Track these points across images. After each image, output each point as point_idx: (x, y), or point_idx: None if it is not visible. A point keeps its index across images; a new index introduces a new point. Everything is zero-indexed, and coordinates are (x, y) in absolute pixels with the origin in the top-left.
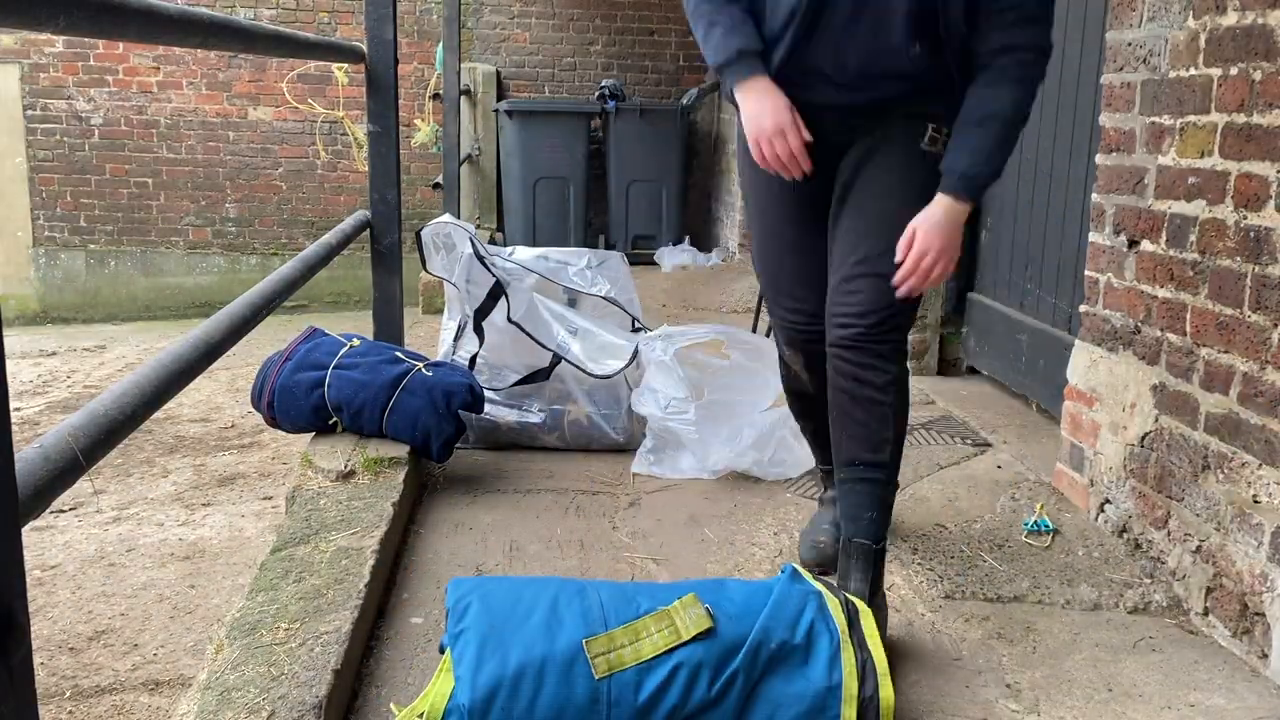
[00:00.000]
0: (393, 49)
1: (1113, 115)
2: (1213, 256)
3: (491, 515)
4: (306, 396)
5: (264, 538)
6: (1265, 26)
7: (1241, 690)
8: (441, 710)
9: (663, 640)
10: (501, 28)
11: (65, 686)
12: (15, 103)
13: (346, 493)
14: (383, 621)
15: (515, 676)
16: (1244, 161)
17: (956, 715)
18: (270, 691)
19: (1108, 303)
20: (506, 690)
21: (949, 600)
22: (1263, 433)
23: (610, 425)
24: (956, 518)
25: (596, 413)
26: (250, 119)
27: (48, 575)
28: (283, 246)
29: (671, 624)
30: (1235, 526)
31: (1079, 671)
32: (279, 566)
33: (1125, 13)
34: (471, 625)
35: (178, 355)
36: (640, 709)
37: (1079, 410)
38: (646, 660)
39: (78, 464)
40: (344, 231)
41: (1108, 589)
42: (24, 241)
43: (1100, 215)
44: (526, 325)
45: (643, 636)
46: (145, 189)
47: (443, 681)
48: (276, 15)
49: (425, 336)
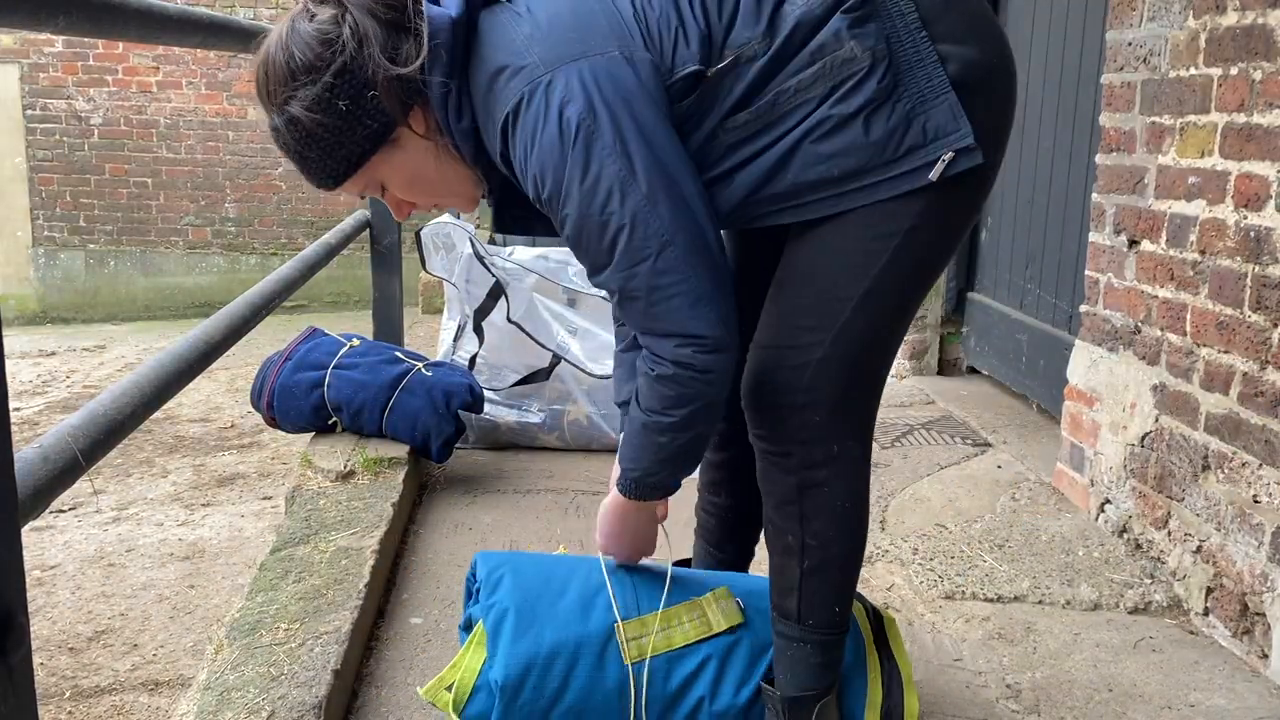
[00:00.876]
0: None
1: (1113, 115)
2: (1213, 256)
3: (491, 515)
4: (306, 396)
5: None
6: (1265, 26)
7: (1241, 690)
8: (471, 684)
9: (694, 630)
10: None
11: (65, 686)
12: (15, 102)
13: (346, 493)
14: (383, 621)
15: (549, 656)
16: (1244, 161)
17: (957, 715)
18: (270, 692)
19: (1108, 303)
20: (540, 669)
21: (949, 600)
22: (1263, 433)
23: (610, 425)
24: (956, 518)
25: (596, 413)
26: (250, 119)
27: (48, 575)
28: (283, 246)
29: (703, 614)
30: (1235, 526)
31: (1079, 672)
32: (279, 566)
33: (1125, 13)
34: (506, 599)
35: (177, 355)
36: (669, 698)
37: (1079, 410)
38: (677, 649)
39: (77, 464)
40: (344, 231)
41: (1108, 589)
42: (24, 241)
43: (1100, 215)
44: (526, 325)
45: (674, 624)
46: (145, 189)
47: (473, 655)
48: (276, 15)
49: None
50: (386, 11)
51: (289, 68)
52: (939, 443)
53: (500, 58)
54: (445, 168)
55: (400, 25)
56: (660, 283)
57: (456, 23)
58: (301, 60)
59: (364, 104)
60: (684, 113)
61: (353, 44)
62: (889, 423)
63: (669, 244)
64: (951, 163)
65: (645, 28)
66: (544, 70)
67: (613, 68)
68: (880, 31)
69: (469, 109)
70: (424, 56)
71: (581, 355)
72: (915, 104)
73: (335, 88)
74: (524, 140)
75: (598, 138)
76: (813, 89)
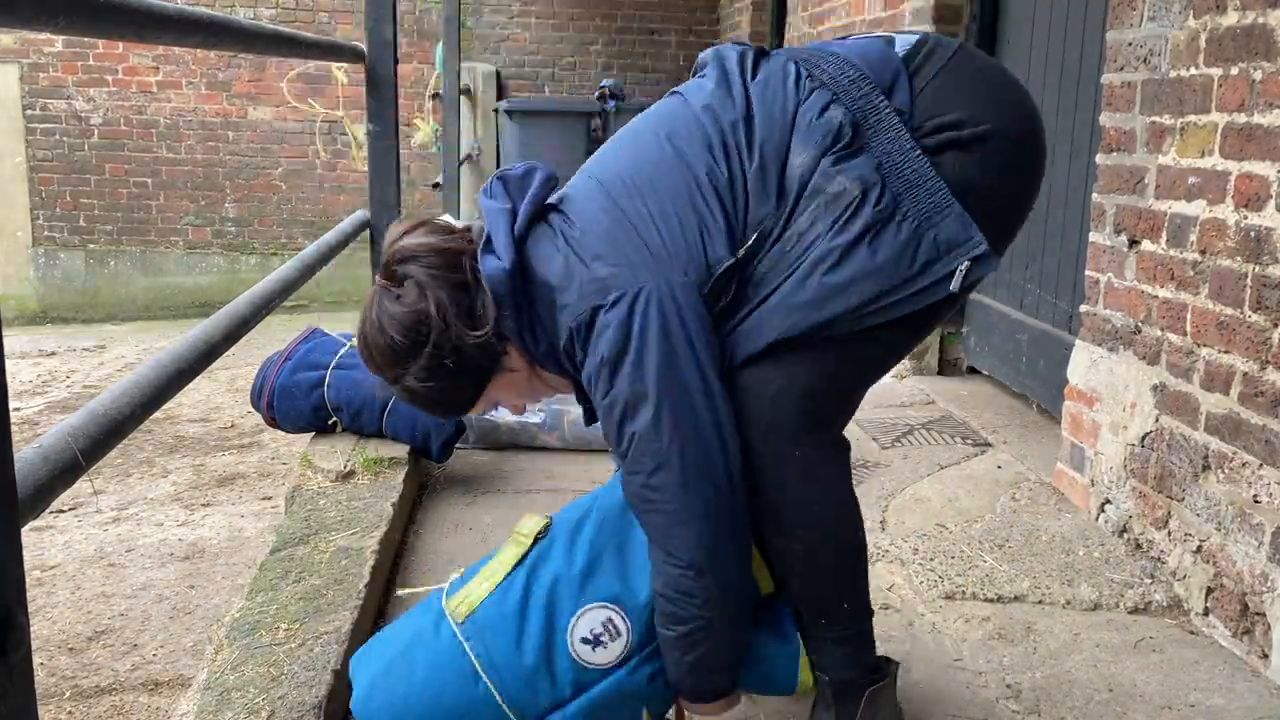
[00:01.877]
0: (393, 49)
1: (1113, 115)
2: (1213, 256)
3: (491, 515)
4: (306, 396)
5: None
6: (1265, 26)
7: (1241, 690)
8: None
9: (510, 558)
10: (501, 27)
11: (65, 686)
12: (15, 102)
13: (346, 493)
14: (383, 621)
15: (386, 667)
16: (1244, 161)
17: (957, 715)
18: (270, 692)
19: (1108, 302)
20: (382, 677)
21: (949, 600)
22: (1263, 433)
23: None
24: (956, 518)
25: None
26: (250, 119)
27: (48, 575)
28: (282, 246)
29: (516, 542)
30: (1235, 526)
31: (1079, 672)
32: (279, 566)
33: (1125, 13)
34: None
35: (177, 355)
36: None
37: (1079, 410)
38: (501, 582)
39: (77, 464)
40: (344, 231)
41: (1108, 589)
42: (23, 241)
43: (1100, 215)
44: None
45: (494, 570)
46: (145, 189)
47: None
48: (276, 15)
49: None
50: (452, 276)
51: (393, 350)
52: (939, 443)
53: (549, 293)
54: (542, 378)
55: (466, 285)
56: (650, 495)
57: (512, 274)
58: (402, 342)
59: (465, 359)
60: (731, 299)
61: (438, 318)
62: (889, 423)
63: (663, 466)
64: (970, 270)
65: (676, 245)
66: (584, 310)
67: (645, 301)
68: (870, 162)
69: (544, 335)
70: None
71: None
72: (921, 220)
73: (437, 356)
74: (578, 364)
75: (622, 367)
76: (815, 228)
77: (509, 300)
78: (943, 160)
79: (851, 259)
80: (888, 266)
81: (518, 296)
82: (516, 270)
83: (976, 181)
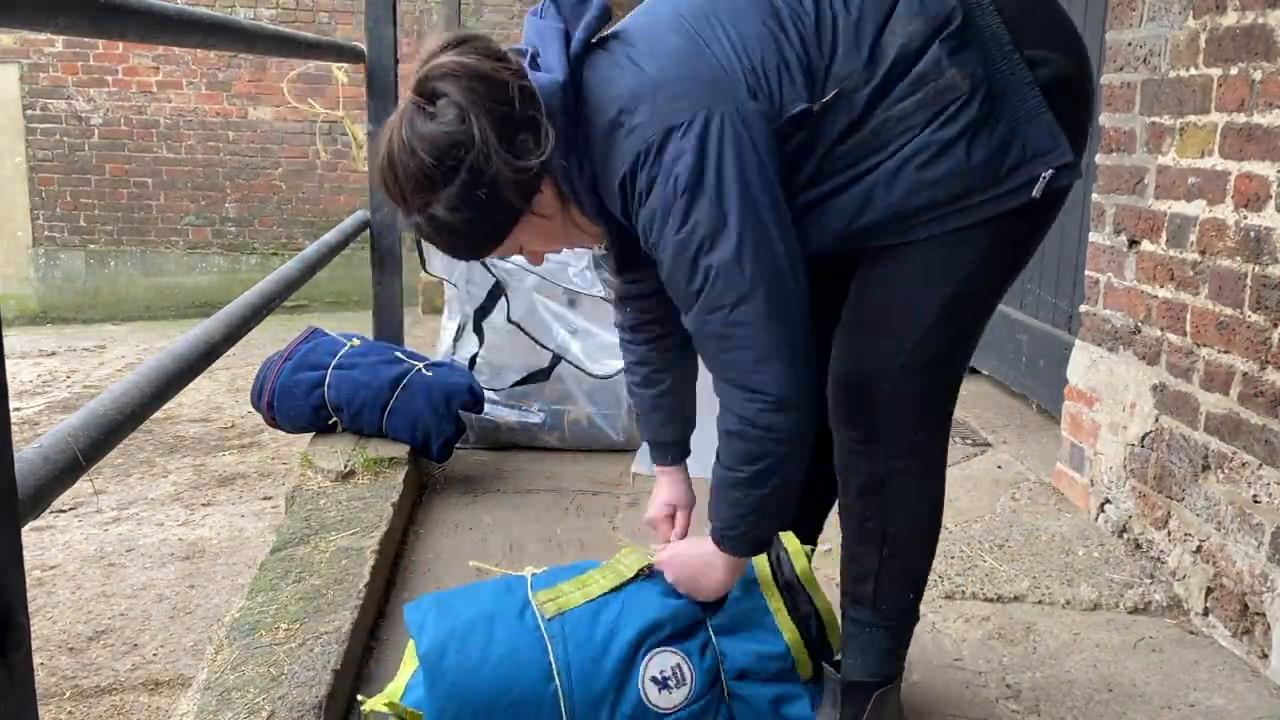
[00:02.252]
0: (393, 49)
1: (1113, 115)
2: (1213, 256)
3: (491, 515)
4: (306, 396)
5: (264, 538)
6: (1265, 26)
7: (1241, 690)
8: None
9: (607, 582)
10: (501, 27)
11: (65, 686)
12: (15, 102)
13: (346, 493)
14: (383, 621)
15: (466, 626)
16: (1244, 161)
17: (957, 715)
18: (270, 692)
19: (1108, 303)
20: (460, 635)
21: (949, 600)
22: (1263, 433)
23: (610, 426)
24: (956, 518)
25: (597, 413)
26: (250, 119)
27: (48, 575)
28: (283, 246)
29: (615, 570)
30: (1235, 526)
31: (1079, 672)
32: (279, 566)
33: (1125, 13)
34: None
35: (177, 355)
36: (600, 641)
37: (1079, 410)
38: (595, 599)
39: (77, 464)
40: (344, 231)
41: (1107, 589)
42: (24, 241)
43: (1100, 215)
44: (526, 325)
45: (589, 584)
46: (145, 189)
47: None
48: (276, 15)
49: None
50: (494, 102)
51: (424, 174)
52: None
53: (610, 114)
54: (572, 222)
55: (511, 117)
56: (731, 333)
57: (565, 87)
58: (434, 165)
59: (500, 191)
60: (793, 150)
61: (480, 144)
62: None
63: (746, 299)
64: (1052, 179)
65: (749, 71)
66: (655, 132)
67: (720, 125)
68: (978, 57)
69: (589, 164)
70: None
71: (582, 355)
72: (1013, 125)
73: (471, 184)
74: (639, 196)
75: (701, 194)
76: (914, 117)
77: (560, 119)
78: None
79: (947, 156)
80: (979, 168)
81: (570, 115)
82: (570, 85)
83: (1059, 93)
